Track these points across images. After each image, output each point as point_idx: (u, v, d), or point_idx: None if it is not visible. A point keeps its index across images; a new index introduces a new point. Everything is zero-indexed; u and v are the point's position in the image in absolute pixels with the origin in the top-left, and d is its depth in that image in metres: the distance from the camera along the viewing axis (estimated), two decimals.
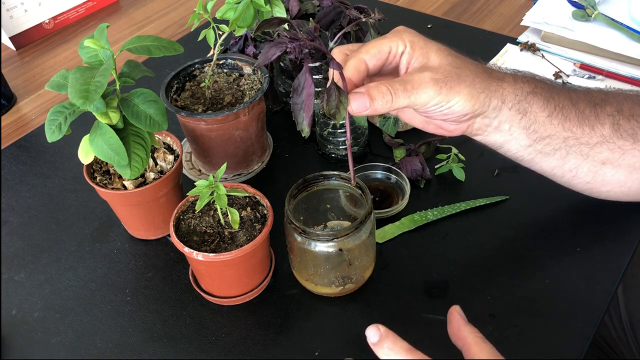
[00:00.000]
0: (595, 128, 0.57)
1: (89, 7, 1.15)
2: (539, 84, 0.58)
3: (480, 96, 0.54)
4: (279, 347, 0.59)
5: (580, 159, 0.58)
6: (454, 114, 0.54)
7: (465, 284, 0.62)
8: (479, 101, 0.54)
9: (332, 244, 0.57)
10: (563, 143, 0.57)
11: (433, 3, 1.08)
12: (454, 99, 0.53)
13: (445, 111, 0.54)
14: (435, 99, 0.52)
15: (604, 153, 0.58)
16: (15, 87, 0.99)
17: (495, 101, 0.55)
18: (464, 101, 0.53)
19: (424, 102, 0.52)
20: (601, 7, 0.94)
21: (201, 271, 0.61)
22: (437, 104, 0.53)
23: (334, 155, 0.77)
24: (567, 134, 0.57)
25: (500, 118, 0.57)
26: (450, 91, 0.52)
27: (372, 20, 0.77)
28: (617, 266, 0.63)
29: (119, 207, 0.68)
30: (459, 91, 0.53)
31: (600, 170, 0.58)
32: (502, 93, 0.56)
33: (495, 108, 0.56)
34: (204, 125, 0.69)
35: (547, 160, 0.59)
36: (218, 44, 0.67)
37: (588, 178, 0.59)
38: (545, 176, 0.62)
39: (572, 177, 0.60)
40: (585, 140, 0.57)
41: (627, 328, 0.81)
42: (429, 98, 0.52)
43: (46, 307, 0.64)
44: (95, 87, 0.53)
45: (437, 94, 0.52)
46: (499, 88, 0.56)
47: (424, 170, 0.72)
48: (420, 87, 0.52)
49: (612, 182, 0.59)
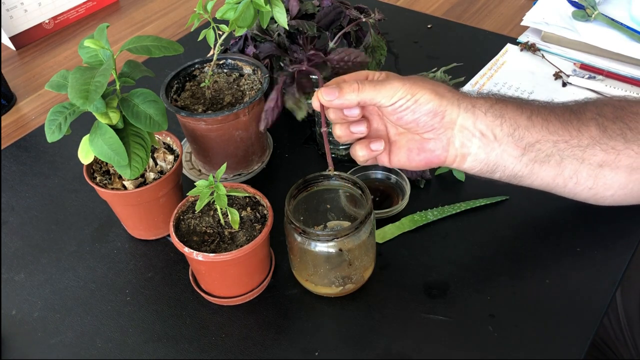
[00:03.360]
0: (582, 130, 0.57)
1: (89, 7, 1.15)
2: (506, 96, 0.60)
3: (446, 94, 0.57)
4: (279, 347, 0.59)
5: (577, 163, 0.58)
6: (421, 110, 0.56)
7: (465, 284, 0.62)
8: (445, 98, 0.56)
9: (332, 244, 0.57)
10: (554, 147, 0.57)
11: (433, 3, 1.08)
12: (418, 92, 0.55)
13: (412, 106, 0.56)
14: (400, 90, 0.55)
15: (599, 155, 0.57)
16: (15, 87, 0.99)
17: (465, 103, 0.57)
18: (429, 94, 0.56)
19: (389, 94, 0.55)
20: (601, 7, 0.94)
21: (201, 271, 0.61)
22: (402, 97, 0.55)
23: (334, 155, 0.77)
24: (555, 137, 0.57)
25: (479, 126, 0.57)
26: (414, 85, 0.56)
27: (372, 20, 0.77)
28: (617, 266, 0.63)
29: (118, 207, 0.68)
30: (423, 87, 0.56)
31: (600, 174, 0.58)
32: (471, 100, 0.58)
33: (468, 111, 0.57)
34: (204, 125, 0.69)
35: (545, 169, 0.58)
36: (218, 44, 0.67)
37: (590, 183, 0.59)
38: (550, 191, 0.61)
39: (574, 185, 0.59)
40: (575, 143, 0.57)
41: (625, 329, 0.81)
42: (394, 90, 0.55)
43: (46, 307, 0.64)
44: (95, 87, 0.53)
45: (400, 86, 0.55)
46: (467, 96, 0.58)
47: (424, 171, 0.72)
48: (385, 81, 0.56)
49: (614, 184, 0.59)
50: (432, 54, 0.93)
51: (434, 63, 0.88)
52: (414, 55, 0.93)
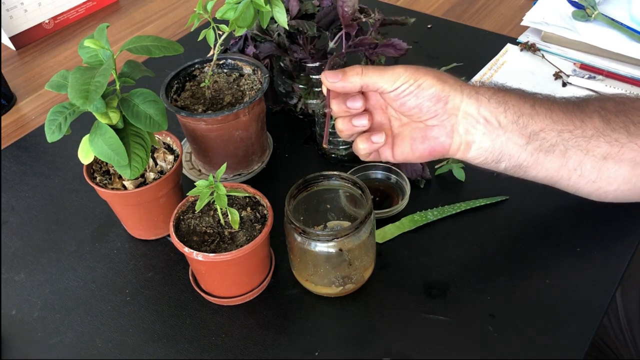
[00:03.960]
0: (585, 121, 0.58)
1: (89, 7, 1.15)
2: (507, 86, 0.61)
3: (448, 80, 0.57)
4: (279, 347, 0.59)
5: (581, 154, 0.58)
6: (424, 95, 0.56)
7: (465, 284, 0.62)
8: (447, 84, 0.57)
9: (332, 244, 0.57)
10: (558, 136, 0.57)
11: (433, 3, 1.08)
12: (421, 77, 0.56)
13: (415, 91, 0.56)
14: (403, 75, 0.56)
15: (603, 147, 0.57)
16: (15, 87, 0.99)
17: (468, 90, 0.58)
18: (432, 79, 0.56)
19: (392, 79, 0.56)
20: (601, 7, 0.94)
21: (201, 271, 0.61)
22: (405, 81, 0.56)
23: (334, 155, 0.77)
24: (559, 127, 0.57)
25: (483, 112, 0.57)
26: (417, 71, 0.56)
27: (372, 20, 0.77)
28: (617, 266, 0.63)
29: (118, 207, 0.68)
30: (426, 73, 0.57)
31: (604, 166, 0.58)
32: (474, 86, 0.59)
33: (471, 97, 0.57)
34: (204, 125, 0.69)
35: (549, 159, 0.58)
36: (218, 44, 0.67)
37: (593, 176, 0.59)
38: (554, 184, 0.61)
39: (578, 177, 0.59)
40: (579, 133, 0.57)
41: (625, 328, 0.81)
42: (397, 75, 0.56)
43: (46, 307, 0.64)
44: (95, 87, 0.53)
45: (403, 71, 0.56)
46: (469, 84, 0.59)
47: (424, 170, 0.72)
48: (389, 68, 0.57)
49: (618, 178, 0.59)
50: (432, 54, 0.93)
51: (434, 63, 0.88)
52: (414, 55, 0.93)
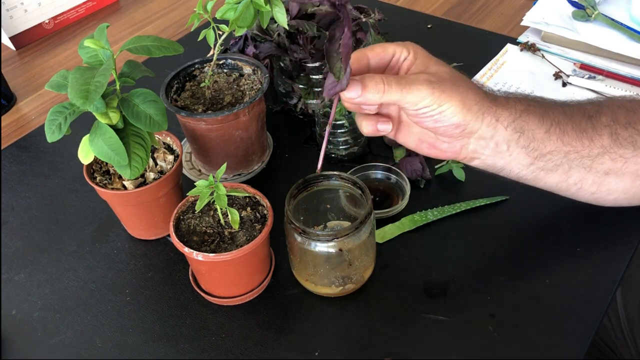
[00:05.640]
0: (594, 139, 0.57)
1: (89, 7, 1.15)
2: (532, 102, 0.58)
3: (473, 108, 0.54)
4: (279, 347, 0.59)
5: (584, 172, 0.58)
6: (445, 121, 0.54)
7: (465, 284, 0.62)
8: (470, 112, 0.54)
9: (332, 244, 0.57)
10: (564, 158, 0.57)
11: (433, 3, 1.08)
12: (445, 103, 0.52)
13: (436, 116, 0.53)
14: (427, 99, 0.52)
15: (607, 164, 0.57)
16: (15, 87, 0.99)
17: (489, 118, 0.55)
18: (456, 108, 0.53)
19: (415, 101, 0.52)
20: (601, 7, 0.94)
21: (201, 271, 0.61)
22: (428, 105, 0.52)
23: (334, 155, 0.77)
24: (568, 148, 0.57)
25: (497, 138, 0.56)
26: (443, 94, 0.52)
27: (372, 20, 0.77)
28: (617, 266, 0.63)
29: (118, 207, 0.68)
30: (451, 96, 0.52)
31: (605, 181, 0.58)
32: (496, 111, 0.55)
33: (490, 125, 0.55)
34: (204, 125, 0.69)
35: (551, 176, 0.58)
36: (218, 44, 0.67)
37: (593, 189, 0.59)
38: (551, 191, 0.61)
39: (577, 190, 0.59)
40: (586, 153, 0.57)
41: (625, 329, 0.81)
42: (421, 97, 0.52)
43: (46, 307, 0.64)
44: (95, 87, 0.53)
45: (429, 94, 0.52)
46: (493, 106, 0.55)
47: (424, 170, 0.72)
48: (413, 84, 0.52)
49: (618, 190, 0.59)
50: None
51: None
52: None
